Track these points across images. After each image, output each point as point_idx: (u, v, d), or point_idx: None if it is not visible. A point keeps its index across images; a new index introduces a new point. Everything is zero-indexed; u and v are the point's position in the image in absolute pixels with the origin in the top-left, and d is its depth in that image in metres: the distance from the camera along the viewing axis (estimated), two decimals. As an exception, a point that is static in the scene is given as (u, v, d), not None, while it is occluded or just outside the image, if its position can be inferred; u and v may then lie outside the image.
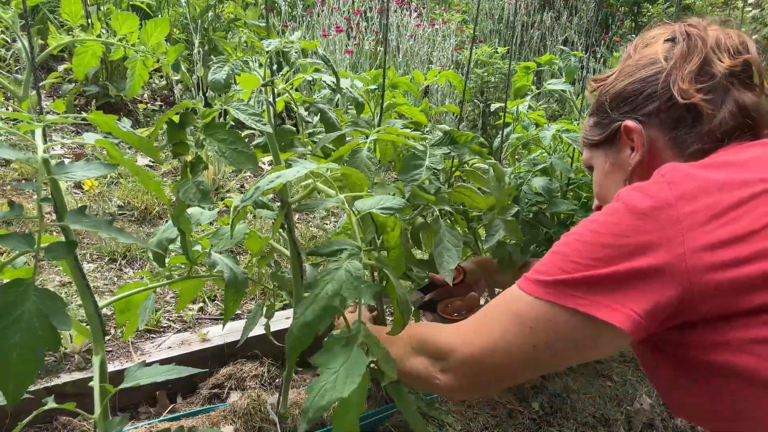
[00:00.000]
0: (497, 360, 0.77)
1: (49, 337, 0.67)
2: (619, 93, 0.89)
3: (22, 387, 0.66)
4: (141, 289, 1.04)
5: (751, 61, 0.82)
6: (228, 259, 1.03)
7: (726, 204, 0.66)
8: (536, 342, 0.72)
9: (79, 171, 0.72)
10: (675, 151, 0.83)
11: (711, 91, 0.81)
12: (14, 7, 0.81)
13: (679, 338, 0.69)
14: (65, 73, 3.15)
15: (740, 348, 0.64)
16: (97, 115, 0.73)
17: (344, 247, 0.80)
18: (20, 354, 0.64)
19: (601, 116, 0.93)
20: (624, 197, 0.70)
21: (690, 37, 0.84)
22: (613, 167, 0.92)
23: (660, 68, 0.85)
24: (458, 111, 1.87)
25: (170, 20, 3.71)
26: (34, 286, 0.67)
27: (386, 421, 1.41)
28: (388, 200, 0.86)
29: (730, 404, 0.68)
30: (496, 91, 4.12)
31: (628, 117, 0.87)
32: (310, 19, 4.44)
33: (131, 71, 0.97)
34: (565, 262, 0.70)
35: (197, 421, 1.37)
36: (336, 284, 0.73)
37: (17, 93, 0.80)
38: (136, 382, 0.91)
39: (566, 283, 0.69)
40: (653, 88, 0.85)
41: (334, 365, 0.71)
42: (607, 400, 1.68)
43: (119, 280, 1.97)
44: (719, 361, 0.66)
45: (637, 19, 6.76)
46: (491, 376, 0.80)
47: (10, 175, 2.49)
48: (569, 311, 0.68)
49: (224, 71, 0.89)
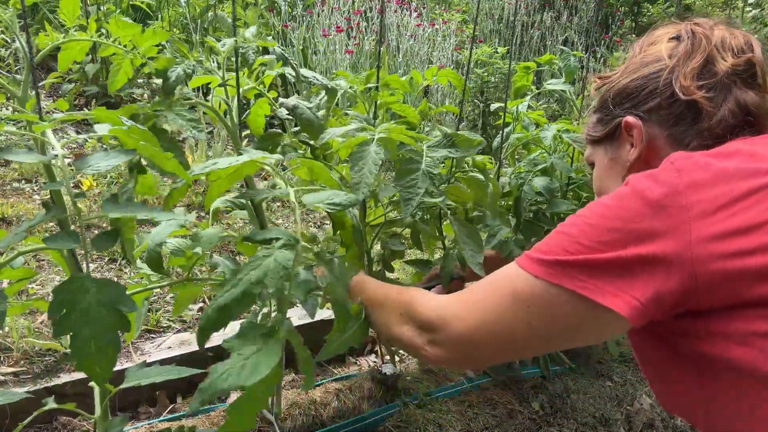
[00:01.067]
0: (491, 338, 0.76)
1: (118, 321, 0.68)
2: (622, 89, 0.89)
3: (108, 369, 0.69)
4: (141, 289, 1.04)
5: (755, 61, 0.82)
6: (228, 260, 1.03)
7: (736, 194, 0.65)
8: (532, 321, 0.72)
9: (102, 161, 0.72)
10: (674, 147, 0.83)
11: (712, 88, 0.81)
12: (12, 7, 0.81)
13: (678, 327, 0.69)
14: (64, 73, 3.15)
15: (742, 340, 0.64)
16: (102, 112, 0.74)
17: (279, 236, 0.78)
18: (97, 343, 0.67)
19: (604, 113, 0.93)
20: (633, 182, 0.70)
21: (695, 36, 0.85)
22: (613, 163, 0.92)
23: (663, 65, 0.85)
24: (458, 111, 1.87)
25: (170, 20, 3.71)
26: (91, 278, 0.68)
27: (386, 421, 1.41)
28: (337, 195, 0.84)
29: (724, 397, 0.68)
30: (496, 91, 4.12)
31: (630, 113, 0.87)
32: (310, 19, 4.43)
33: (117, 66, 0.96)
34: (569, 243, 0.69)
35: (197, 421, 1.37)
36: (260, 272, 0.71)
37: (16, 93, 0.80)
38: (136, 382, 0.91)
39: (569, 264, 0.68)
40: (655, 85, 0.85)
41: (245, 351, 0.69)
42: (607, 400, 1.68)
43: (119, 280, 1.96)
44: (718, 353, 0.66)
45: (637, 19, 6.75)
46: (483, 352, 0.80)
47: (10, 175, 2.49)
48: (569, 293, 0.68)
49: (174, 73, 0.88)
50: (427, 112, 1.43)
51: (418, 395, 1.50)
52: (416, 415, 1.43)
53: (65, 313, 0.66)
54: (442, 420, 1.43)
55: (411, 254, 2.12)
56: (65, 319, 0.66)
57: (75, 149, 2.79)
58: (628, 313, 0.65)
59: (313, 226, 2.66)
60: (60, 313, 0.66)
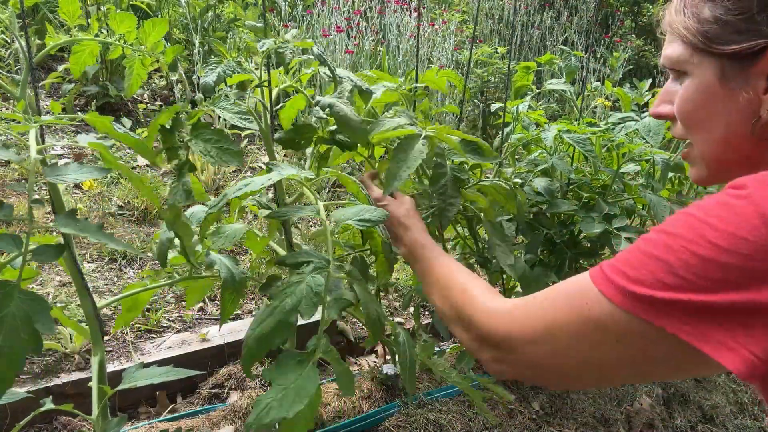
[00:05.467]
0: (566, 368, 0.65)
1: (32, 339, 0.66)
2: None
3: (3, 388, 0.65)
4: (145, 288, 1.04)
5: None
6: (227, 259, 1.02)
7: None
8: (621, 356, 0.60)
9: (72, 174, 0.72)
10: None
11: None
12: (12, 7, 0.81)
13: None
14: (65, 73, 3.15)
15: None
16: (94, 116, 0.73)
17: (310, 259, 0.78)
18: (3, 356, 0.64)
19: (739, 15, 0.62)
20: (757, 198, 0.52)
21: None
22: (731, 95, 0.64)
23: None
24: (458, 111, 1.87)
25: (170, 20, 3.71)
26: (20, 288, 0.66)
27: (386, 421, 1.41)
28: (368, 211, 0.84)
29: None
30: (496, 91, 4.12)
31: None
32: (310, 19, 4.43)
33: (129, 70, 0.97)
34: (664, 273, 0.54)
35: (197, 422, 1.37)
36: (294, 299, 0.72)
37: (14, 93, 0.80)
38: (133, 384, 0.90)
39: (667, 303, 0.54)
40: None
41: (284, 382, 0.69)
42: (607, 400, 1.68)
43: (119, 280, 1.96)
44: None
45: (637, 19, 6.75)
46: (553, 377, 0.70)
47: (10, 175, 2.49)
48: (670, 336, 0.54)
49: (215, 74, 0.89)
50: (428, 112, 1.43)
51: (418, 395, 1.50)
52: (416, 415, 1.43)
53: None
54: (442, 420, 1.42)
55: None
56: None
57: (76, 150, 2.79)
58: (741, 371, 0.52)
59: (313, 226, 2.66)
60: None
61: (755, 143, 0.64)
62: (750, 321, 0.51)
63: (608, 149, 1.59)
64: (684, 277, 0.53)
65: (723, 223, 0.53)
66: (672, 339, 0.54)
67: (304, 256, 0.79)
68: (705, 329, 0.53)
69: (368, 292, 0.88)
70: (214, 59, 0.92)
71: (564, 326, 0.63)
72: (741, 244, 0.51)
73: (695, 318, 0.53)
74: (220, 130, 0.86)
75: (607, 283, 0.59)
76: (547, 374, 0.69)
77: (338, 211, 0.87)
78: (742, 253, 0.51)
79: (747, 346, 0.51)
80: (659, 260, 0.55)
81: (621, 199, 1.57)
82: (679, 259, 0.54)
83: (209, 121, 0.85)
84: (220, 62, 0.91)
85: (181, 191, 0.82)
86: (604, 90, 2.00)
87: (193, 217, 1.07)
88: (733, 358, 0.51)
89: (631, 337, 0.57)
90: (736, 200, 0.53)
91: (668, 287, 0.54)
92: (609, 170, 1.57)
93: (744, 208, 0.52)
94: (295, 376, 0.70)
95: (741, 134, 0.64)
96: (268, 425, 0.66)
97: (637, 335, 0.57)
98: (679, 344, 0.54)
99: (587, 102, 2.76)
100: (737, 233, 0.52)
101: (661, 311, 0.54)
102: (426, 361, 1.23)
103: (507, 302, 0.73)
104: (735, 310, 0.52)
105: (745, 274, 0.51)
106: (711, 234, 0.53)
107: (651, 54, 5.82)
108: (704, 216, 0.55)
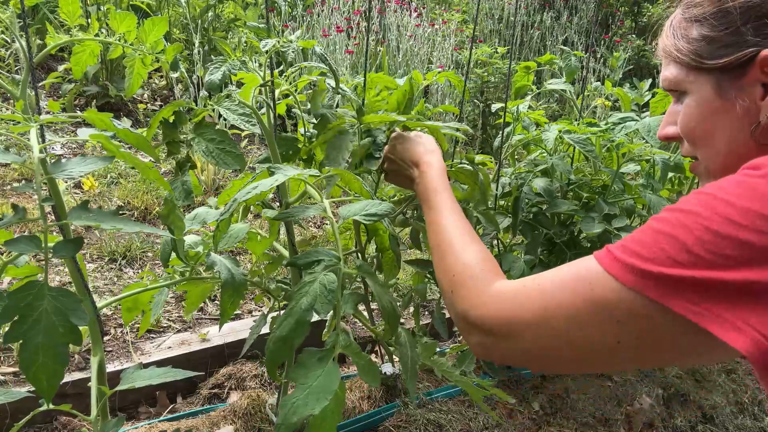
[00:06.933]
0: (568, 353, 0.63)
1: (70, 333, 0.68)
2: (762, 3, 0.63)
3: (55, 383, 0.67)
4: (143, 289, 1.04)
5: None
6: (227, 259, 1.02)
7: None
8: (622, 339, 0.58)
9: (76, 167, 0.72)
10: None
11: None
12: (12, 7, 0.81)
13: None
14: (65, 73, 3.15)
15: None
16: (93, 113, 0.73)
17: (321, 258, 0.79)
18: (46, 353, 0.65)
19: (724, 30, 0.65)
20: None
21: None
22: (730, 106, 0.66)
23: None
24: (458, 111, 1.87)
25: (170, 20, 3.70)
26: (48, 286, 0.67)
27: (386, 421, 1.41)
28: (374, 206, 0.84)
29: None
30: (496, 91, 4.12)
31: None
32: (310, 19, 4.43)
33: (130, 70, 0.97)
34: (677, 250, 0.53)
35: (197, 422, 1.37)
36: (310, 298, 0.73)
37: (15, 93, 0.80)
38: (132, 384, 0.90)
39: (678, 280, 0.52)
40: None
41: (307, 380, 0.70)
42: (607, 400, 1.68)
43: (119, 280, 1.96)
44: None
45: (637, 19, 6.75)
46: (556, 363, 0.68)
47: (10, 175, 2.49)
48: (676, 315, 0.53)
49: (220, 72, 0.89)
50: (424, 112, 1.43)
51: (418, 395, 1.50)
52: (416, 415, 1.43)
53: (18, 319, 0.65)
54: (442, 420, 1.42)
55: (411, 254, 2.12)
56: (18, 325, 0.65)
57: (75, 149, 2.79)
58: (752, 352, 0.50)
59: (313, 226, 2.65)
60: (12, 318, 0.64)
61: (757, 149, 0.64)
62: (762, 300, 0.50)
63: (608, 149, 1.59)
64: (698, 254, 0.52)
65: (740, 200, 0.52)
66: (678, 320, 0.53)
67: (314, 255, 0.80)
68: (713, 307, 0.51)
69: (380, 284, 0.88)
70: (219, 58, 0.92)
71: (565, 308, 0.61)
72: (758, 220, 0.50)
73: (705, 296, 0.51)
74: (224, 130, 0.86)
75: (615, 263, 0.57)
76: (545, 361, 0.67)
77: (344, 207, 0.87)
78: (759, 229, 0.50)
79: (756, 327, 0.50)
80: (672, 237, 0.54)
81: (621, 199, 1.57)
82: (694, 236, 0.53)
83: (212, 121, 0.85)
84: (224, 61, 0.92)
85: (180, 189, 0.82)
86: (604, 90, 2.00)
87: (197, 218, 1.07)
88: (743, 339, 0.50)
89: (634, 320, 0.56)
90: (753, 179, 0.53)
91: (680, 265, 0.52)
92: (609, 170, 1.57)
93: (762, 185, 0.52)
94: (317, 373, 0.71)
95: (743, 142, 0.66)
96: (295, 425, 0.66)
97: (641, 317, 0.55)
98: (683, 325, 0.53)
99: (587, 102, 2.76)
100: (755, 209, 0.51)
101: (670, 289, 0.53)
102: (427, 361, 1.24)
103: (505, 287, 0.70)
104: (747, 289, 0.50)
105: (762, 251, 0.50)
106: (727, 210, 0.52)
107: (651, 54, 5.82)
108: (720, 194, 0.54)
